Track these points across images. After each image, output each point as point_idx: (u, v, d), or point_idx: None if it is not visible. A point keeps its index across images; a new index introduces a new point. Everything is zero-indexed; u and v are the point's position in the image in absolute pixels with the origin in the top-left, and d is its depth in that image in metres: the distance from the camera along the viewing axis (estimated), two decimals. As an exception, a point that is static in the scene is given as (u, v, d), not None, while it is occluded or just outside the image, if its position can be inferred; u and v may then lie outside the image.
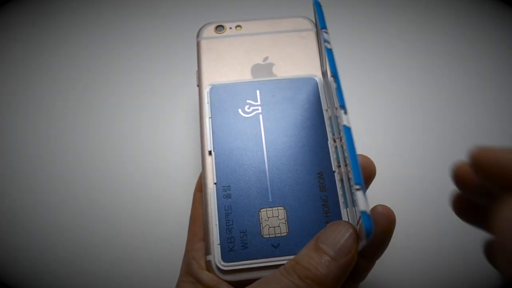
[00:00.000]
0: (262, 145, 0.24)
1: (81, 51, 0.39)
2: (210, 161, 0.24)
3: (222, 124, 0.25)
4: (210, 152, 0.24)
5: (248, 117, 0.25)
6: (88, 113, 0.36)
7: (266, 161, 0.24)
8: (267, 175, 0.23)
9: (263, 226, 0.22)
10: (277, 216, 0.23)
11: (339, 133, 0.24)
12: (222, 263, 0.21)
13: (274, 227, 0.22)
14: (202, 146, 0.25)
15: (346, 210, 0.23)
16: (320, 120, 0.25)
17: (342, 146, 0.24)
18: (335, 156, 0.24)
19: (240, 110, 0.25)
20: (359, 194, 0.15)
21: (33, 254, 0.30)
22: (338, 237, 0.19)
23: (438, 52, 0.39)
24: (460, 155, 0.17)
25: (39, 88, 0.37)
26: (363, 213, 0.15)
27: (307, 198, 0.23)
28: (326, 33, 0.18)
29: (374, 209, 0.21)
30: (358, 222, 0.15)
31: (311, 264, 0.18)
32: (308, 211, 0.23)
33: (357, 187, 0.15)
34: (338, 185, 0.23)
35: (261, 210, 0.23)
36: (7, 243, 0.30)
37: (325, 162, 0.24)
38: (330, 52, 0.18)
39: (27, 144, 0.35)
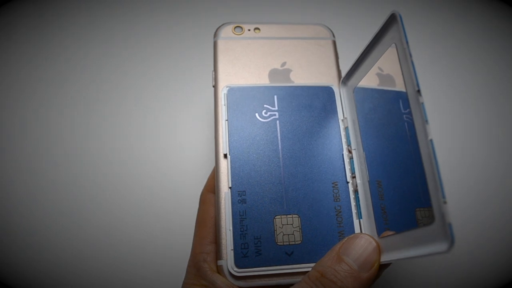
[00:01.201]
0: (278, 151, 0.24)
1: (91, 52, 0.38)
2: (225, 164, 0.24)
3: (239, 128, 0.25)
4: (225, 155, 0.24)
5: (265, 122, 0.25)
6: (91, 112, 0.35)
7: (281, 167, 0.24)
8: (283, 181, 0.23)
9: (278, 233, 0.22)
10: (292, 224, 0.23)
11: (356, 144, 0.24)
12: (235, 269, 0.21)
13: (288, 234, 0.22)
14: (216, 149, 0.24)
15: (359, 221, 0.23)
16: (336, 130, 0.25)
17: (359, 157, 0.24)
18: (349, 166, 0.24)
19: (257, 115, 0.25)
20: (447, 207, 0.16)
21: (34, 254, 0.29)
22: (361, 250, 0.19)
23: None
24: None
25: (48, 89, 0.36)
26: (450, 225, 0.15)
27: (321, 207, 0.23)
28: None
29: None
30: (446, 233, 0.16)
31: (336, 278, 0.18)
32: (322, 220, 0.23)
33: (445, 200, 0.16)
34: (352, 196, 0.24)
35: (276, 217, 0.23)
36: (8, 243, 0.29)
37: (340, 172, 0.24)
38: (413, 65, 0.18)
39: (33, 145, 0.34)
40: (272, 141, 0.24)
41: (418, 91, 0.18)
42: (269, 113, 0.25)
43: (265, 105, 0.25)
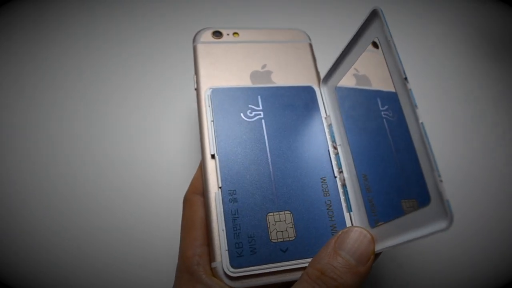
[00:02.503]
0: (266, 150, 0.24)
1: (79, 54, 0.38)
2: (212, 164, 0.23)
3: (225, 128, 0.24)
4: (213, 156, 0.23)
5: (250, 122, 0.25)
6: (84, 113, 0.35)
7: (270, 165, 0.24)
8: (272, 179, 0.23)
9: (271, 230, 0.22)
10: (284, 221, 0.22)
11: (341, 140, 0.25)
12: (231, 269, 0.21)
13: (282, 231, 0.22)
14: (202, 150, 0.24)
15: (349, 214, 0.23)
16: (320, 127, 0.26)
17: (344, 152, 0.25)
18: (335, 162, 0.25)
19: (242, 114, 0.25)
20: (443, 186, 0.16)
21: (34, 254, 0.28)
22: (356, 244, 0.19)
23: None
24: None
25: (36, 90, 0.36)
26: (448, 201, 0.16)
27: (311, 203, 0.23)
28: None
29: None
30: (445, 210, 0.16)
31: (336, 274, 0.18)
32: (313, 215, 0.23)
33: (441, 179, 0.16)
34: (340, 190, 0.24)
35: (269, 215, 0.22)
36: (8, 243, 0.28)
37: (327, 168, 0.24)
38: (398, 55, 0.19)
39: (33, 145, 0.33)
40: (259, 139, 0.24)
41: (405, 78, 0.18)
42: (254, 112, 0.25)
43: (249, 105, 0.25)
